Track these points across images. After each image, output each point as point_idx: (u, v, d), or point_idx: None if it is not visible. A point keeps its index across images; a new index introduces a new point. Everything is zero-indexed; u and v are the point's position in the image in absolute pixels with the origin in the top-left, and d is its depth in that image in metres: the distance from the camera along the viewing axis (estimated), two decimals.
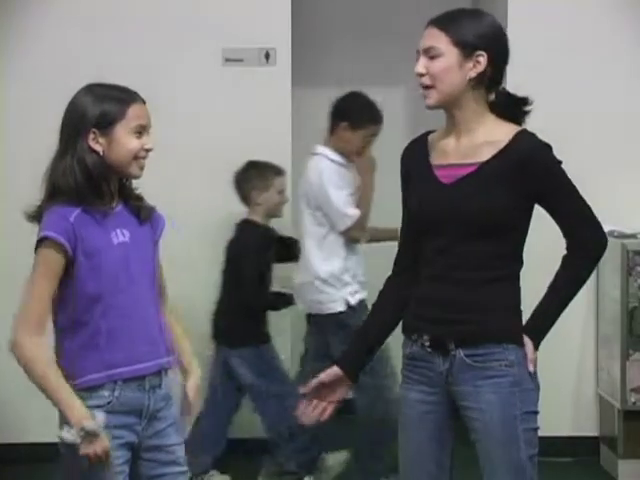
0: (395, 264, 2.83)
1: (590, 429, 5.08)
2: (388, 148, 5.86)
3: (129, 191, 2.74)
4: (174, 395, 2.78)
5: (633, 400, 4.72)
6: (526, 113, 2.71)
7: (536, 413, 2.65)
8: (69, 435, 2.55)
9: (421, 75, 2.63)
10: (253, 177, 4.64)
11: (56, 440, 2.63)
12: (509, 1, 5.00)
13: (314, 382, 2.75)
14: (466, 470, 2.83)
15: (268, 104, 5.01)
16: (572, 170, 2.68)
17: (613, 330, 4.81)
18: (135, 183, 2.78)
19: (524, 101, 2.71)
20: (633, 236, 4.82)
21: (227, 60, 5.02)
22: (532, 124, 2.84)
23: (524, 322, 2.68)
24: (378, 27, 5.83)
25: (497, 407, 2.59)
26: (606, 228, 2.73)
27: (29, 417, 5.00)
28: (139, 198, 2.77)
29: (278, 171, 4.69)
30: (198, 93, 4.97)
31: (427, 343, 2.65)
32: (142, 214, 2.74)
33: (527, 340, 2.63)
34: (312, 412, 2.77)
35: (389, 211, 5.68)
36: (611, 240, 4.70)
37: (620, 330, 4.72)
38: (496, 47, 2.63)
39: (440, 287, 2.64)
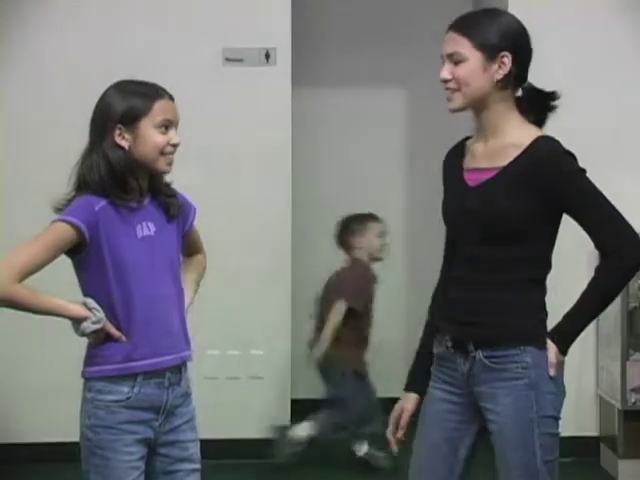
0: (440, 275, 2.81)
1: (590, 429, 5.08)
2: (388, 148, 5.90)
3: (159, 186, 2.74)
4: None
5: (633, 400, 4.72)
6: (553, 108, 2.70)
7: (556, 418, 2.61)
8: (90, 324, 2.58)
9: (447, 81, 2.61)
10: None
11: (59, 440, 2.66)
12: (509, 1, 5.00)
13: (406, 420, 2.76)
14: (473, 473, 2.82)
15: (268, 104, 5.01)
16: None
17: (613, 330, 4.81)
18: (168, 177, 2.77)
19: (551, 96, 2.70)
20: None
21: (227, 60, 5.02)
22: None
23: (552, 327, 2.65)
24: (378, 27, 5.83)
25: (512, 410, 2.57)
26: None
27: (30, 418, 5.01)
28: (170, 194, 2.76)
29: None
30: (198, 93, 4.97)
31: (449, 344, 2.66)
32: (171, 210, 2.74)
33: (551, 344, 2.59)
34: (399, 436, 2.79)
35: (391, 211, 5.70)
36: None
37: (620, 330, 4.72)
38: (518, 45, 2.61)
39: (462, 289, 2.64)
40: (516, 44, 2.61)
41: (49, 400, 4.94)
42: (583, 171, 2.61)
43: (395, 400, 2.83)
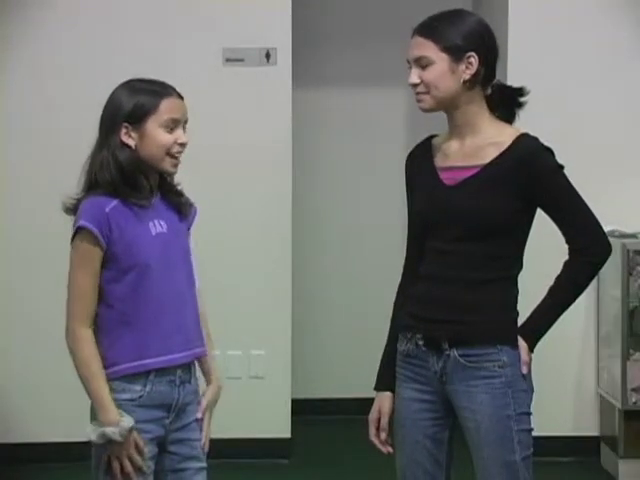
0: (404, 271, 2.83)
1: (591, 429, 5.08)
2: (389, 148, 5.90)
3: (169, 186, 2.75)
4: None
5: (634, 400, 4.72)
6: (522, 104, 2.72)
7: (529, 414, 2.66)
8: (92, 435, 2.58)
9: (415, 85, 2.65)
10: None
11: (59, 440, 2.66)
12: (510, 2, 5.01)
13: (386, 422, 2.78)
14: (464, 469, 2.83)
15: (268, 104, 5.01)
16: (573, 170, 2.69)
17: (614, 330, 4.81)
18: (176, 178, 2.78)
19: (520, 91, 2.72)
20: (633, 236, 4.82)
21: (228, 60, 5.02)
22: (532, 124, 2.84)
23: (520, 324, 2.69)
24: (378, 27, 5.83)
25: (490, 408, 2.60)
26: (607, 228, 2.73)
27: (30, 418, 5.01)
28: (179, 194, 2.77)
29: None
30: (198, 93, 4.95)
31: (421, 342, 2.67)
32: (183, 211, 2.76)
33: (521, 342, 2.64)
34: (386, 439, 2.79)
35: (391, 212, 5.70)
36: (612, 240, 4.70)
37: (621, 330, 4.72)
38: (485, 45, 2.64)
39: (436, 287, 2.66)
40: (482, 44, 2.63)
41: (49, 400, 4.94)
42: (562, 167, 2.65)
43: None
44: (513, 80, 2.84)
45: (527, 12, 5.01)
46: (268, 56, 5.01)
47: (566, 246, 2.68)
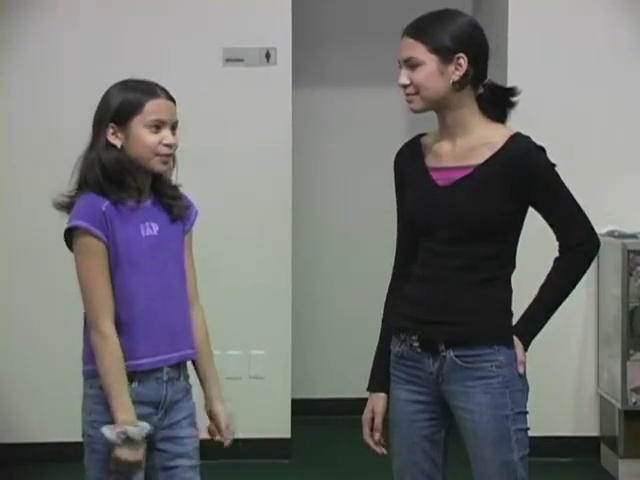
0: (394, 271, 2.82)
1: (590, 429, 5.08)
2: (388, 148, 5.90)
3: (162, 188, 2.73)
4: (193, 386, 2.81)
5: (634, 400, 4.73)
6: (513, 104, 2.72)
7: (526, 413, 2.66)
8: (110, 434, 2.57)
9: (405, 86, 2.66)
10: None
11: (58, 440, 2.65)
12: (509, 2, 5.01)
13: (380, 422, 2.77)
14: (461, 469, 2.83)
15: (268, 104, 5.01)
16: (573, 170, 2.69)
17: (614, 330, 4.81)
18: (178, 180, 2.78)
19: (511, 91, 2.71)
20: (633, 236, 4.82)
21: (228, 60, 5.02)
22: (533, 125, 2.85)
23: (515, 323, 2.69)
24: (378, 27, 5.82)
25: (488, 408, 2.60)
26: (607, 228, 2.74)
27: (30, 418, 5.01)
28: (175, 196, 2.76)
29: None
30: (198, 93, 4.97)
31: (416, 343, 2.67)
32: (174, 212, 2.74)
33: (517, 341, 2.64)
34: (380, 440, 2.79)
35: (390, 212, 5.70)
36: (612, 240, 4.73)
37: (621, 330, 4.72)
38: (474, 45, 2.64)
39: (431, 288, 2.65)
40: (471, 45, 2.63)
41: (49, 400, 4.94)
42: (554, 165, 2.65)
43: None
44: (513, 80, 2.85)
45: (527, 12, 5.01)
46: (268, 56, 5.01)
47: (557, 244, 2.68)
